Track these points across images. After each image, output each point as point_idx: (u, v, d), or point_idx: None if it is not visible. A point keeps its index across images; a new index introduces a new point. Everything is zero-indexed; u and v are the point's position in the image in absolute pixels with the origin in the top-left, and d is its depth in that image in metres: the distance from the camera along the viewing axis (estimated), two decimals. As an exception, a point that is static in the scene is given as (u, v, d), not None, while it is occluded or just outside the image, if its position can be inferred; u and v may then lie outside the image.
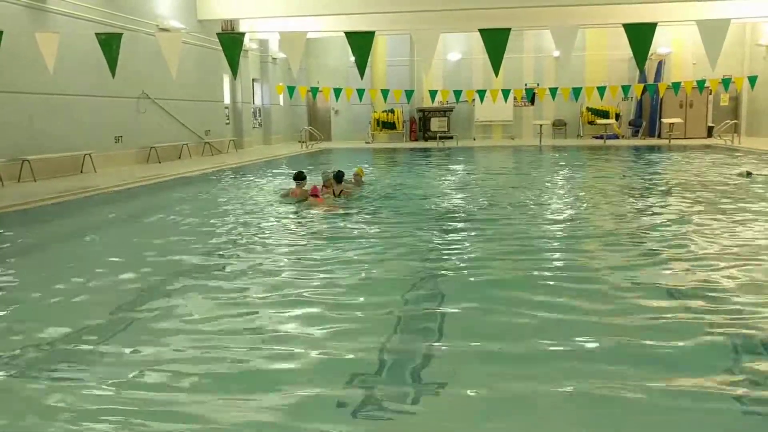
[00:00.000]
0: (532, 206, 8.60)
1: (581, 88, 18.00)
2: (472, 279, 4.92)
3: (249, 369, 3.26)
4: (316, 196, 8.46)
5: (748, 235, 6.23)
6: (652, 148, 20.35)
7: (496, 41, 8.31)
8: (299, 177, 9.17)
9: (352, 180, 10.21)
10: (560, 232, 6.77)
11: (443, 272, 5.14)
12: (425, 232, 6.83)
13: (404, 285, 4.72)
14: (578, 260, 5.48)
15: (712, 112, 24.82)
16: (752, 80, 17.91)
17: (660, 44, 24.13)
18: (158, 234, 7.03)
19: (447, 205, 8.91)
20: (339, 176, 9.17)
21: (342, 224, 7.27)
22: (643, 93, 24.50)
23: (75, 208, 9.18)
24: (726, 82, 18.40)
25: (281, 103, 25.89)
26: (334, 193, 8.93)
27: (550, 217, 7.80)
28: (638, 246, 6.02)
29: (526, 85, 25.23)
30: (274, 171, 14.34)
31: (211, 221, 7.71)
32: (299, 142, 23.48)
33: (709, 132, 24.22)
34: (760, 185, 10.09)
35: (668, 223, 7.10)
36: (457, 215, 7.96)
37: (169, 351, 3.51)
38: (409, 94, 19.51)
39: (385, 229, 6.98)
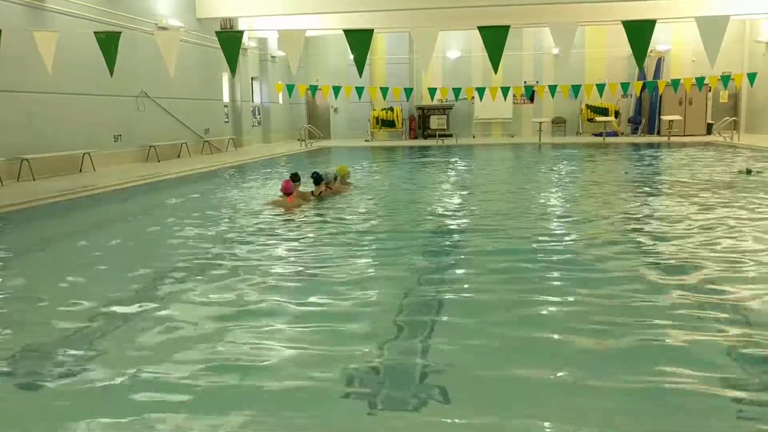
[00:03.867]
0: (531, 205, 8.59)
1: (580, 85, 17.98)
2: (471, 279, 4.92)
3: (246, 367, 3.26)
4: (289, 194, 8.34)
5: (748, 232, 6.23)
6: (651, 146, 20.35)
7: (495, 39, 8.29)
8: (296, 178, 9.05)
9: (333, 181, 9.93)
10: (560, 231, 6.76)
11: (440, 273, 5.14)
12: (419, 232, 6.83)
13: (401, 284, 4.72)
14: (578, 259, 5.47)
15: (711, 109, 24.80)
16: (751, 77, 17.89)
17: (659, 41, 24.12)
18: (158, 233, 7.02)
19: (443, 204, 8.91)
20: (316, 178, 9.04)
21: (337, 223, 7.28)
22: (642, 90, 24.48)
23: (74, 208, 9.17)
24: (725, 79, 18.39)
25: (280, 101, 25.87)
26: (313, 194, 8.88)
27: (549, 215, 7.80)
28: (639, 244, 6.02)
29: (525, 82, 25.22)
30: (273, 170, 14.34)
31: (209, 221, 7.70)
32: (298, 140, 23.46)
33: (709, 129, 24.21)
34: (760, 182, 10.08)
35: (668, 220, 7.10)
36: (453, 214, 7.96)
37: (165, 350, 3.50)
38: (408, 92, 19.49)
39: (377, 229, 6.98)
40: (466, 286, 4.71)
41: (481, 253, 5.77)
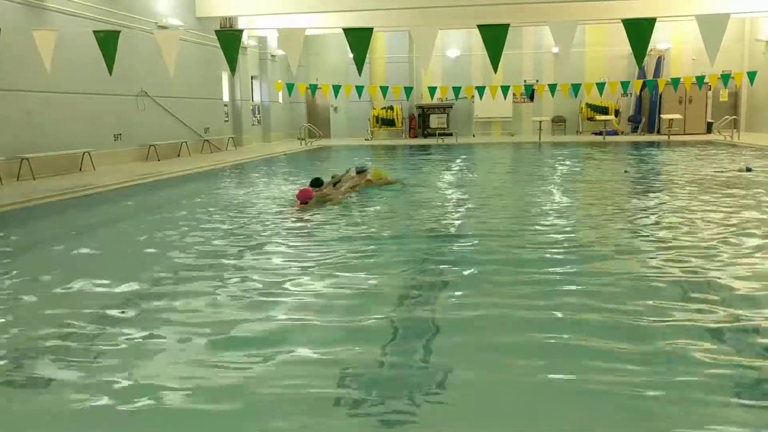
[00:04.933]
0: (531, 203, 8.59)
1: (580, 84, 17.96)
2: (471, 277, 4.93)
3: (246, 366, 3.26)
4: (304, 203, 8.31)
5: (748, 229, 6.23)
6: (651, 144, 20.35)
7: (494, 37, 8.28)
8: (317, 184, 9.06)
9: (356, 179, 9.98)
10: (561, 229, 6.75)
11: (441, 271, 5.14)
12: (421, 233, 6.84)
13: (401, 284, 4.72)
14: (578, 257, 5.47)
15: (711, 107, 24.81)
16: (751, 76, 17.88)
17: (659, 40, 24.11)
18: (157, 233, 7.01)
19: (445, 203, 8.90)
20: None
21: (343, 223, 7.28)
22: (642, 89, 24.46)
23: (74, 207, 9.17)
24: (725, 78, 18.38)
25: (280, 100, 25.86)
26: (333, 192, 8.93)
27: (549, 213, 7.79)
28: (638, 242, 6.01)
29: (525, 81, 25.19)
30: (272, 169, 14.34)
31: (209, 220, 7.70)
32: (298, 139, 23.46)
33: (709, 128, 24.21)
34: (760, 180, 10.08)
35: (669, 218, 7.10)
36: (455, 214, 7.96)
37: (165, 350, 3.51)
38: (408, 90, 19.47)
39: (381, 229, 6.99)
40: (468, 289, 4.70)
41: (486, 253, 5.76)
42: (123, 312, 4.14)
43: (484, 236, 6.42)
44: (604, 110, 25.58)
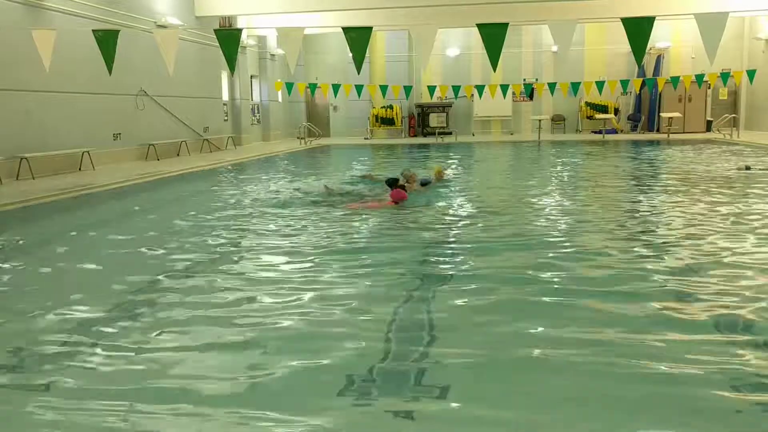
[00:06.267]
0: (531, 202, 8.59)
1: (580, 83, 17.94)
2: (473, 276, 4.93)
3: (249, 364, 3.27)
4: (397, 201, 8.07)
5: (747, 228, 6.24)
6: (651, 143, 20.35)
7: (494, 36, 8.28)
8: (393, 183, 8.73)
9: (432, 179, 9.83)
10: (561, 228, 6.76)
11: (444, 268, 5.15)
12: (425, 232, 6.85)
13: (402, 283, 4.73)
14: (578, 255, 5.47)
15: (710, 106, 24.81)
16: (751, 74, 17.89)
17: (659, 38, 24.11)
18: (157, 232, 7.02)
19: (449, 202, 8.91)
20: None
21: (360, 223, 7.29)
22: (641, 87, 24.45)
23: (74, 206, 9.16)
24: (725, 77, 18.39)
25: (279, 99, 25.85)
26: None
27: (550, 212, 7.79)
28: (638, 240, 6.02)
29: (524, 80, 25.19)
30: (272, 168, 14.34)
31: (209, 219, 7.70)
32: (298, 138, 23.46)
33: (708, 126, 24.22)
34: (760, 178, 10.09)
35: (668, 217, 7.11)
36: (460, 213, 7.97)
37: (166, 347, 3.51)
38: (407, 89, 19.46)
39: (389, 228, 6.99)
40: (469, 286, 4.71)
41: (484, 247, 5.77)
42: (122, 311, 4.14)
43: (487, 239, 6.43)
44: (604, 109, 25.58)
